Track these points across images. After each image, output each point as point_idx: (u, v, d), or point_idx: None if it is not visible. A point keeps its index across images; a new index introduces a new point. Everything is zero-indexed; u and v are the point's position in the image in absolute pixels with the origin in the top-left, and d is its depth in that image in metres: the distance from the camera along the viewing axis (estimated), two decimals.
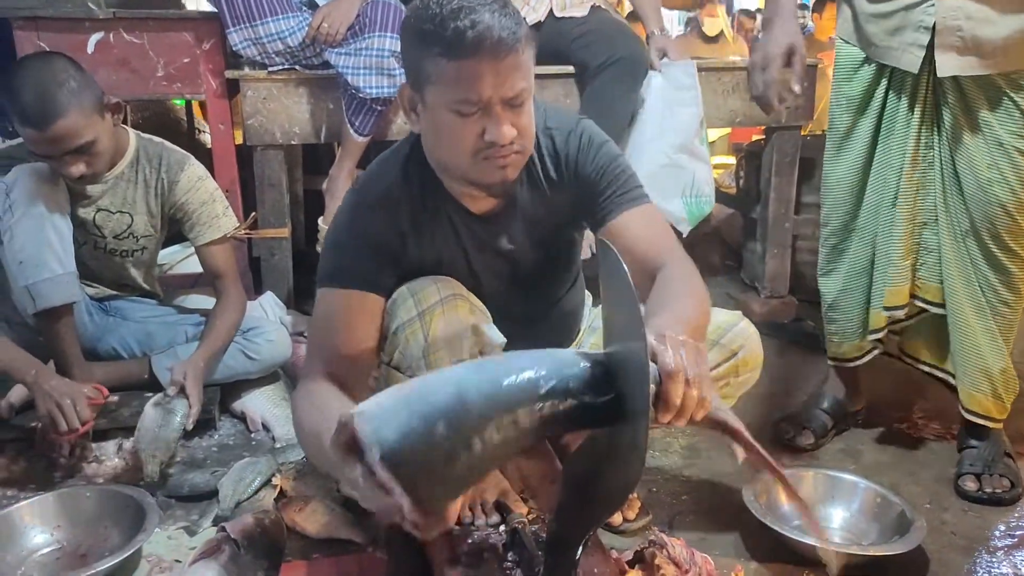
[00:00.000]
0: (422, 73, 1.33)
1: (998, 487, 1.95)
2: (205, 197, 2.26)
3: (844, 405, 2.28)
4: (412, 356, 1.48)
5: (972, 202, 1.92)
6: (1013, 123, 1.86)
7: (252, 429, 2.26)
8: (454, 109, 1.32)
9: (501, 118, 1.32)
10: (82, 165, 1.99)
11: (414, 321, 1.46)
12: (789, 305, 3.14)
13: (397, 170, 1.51)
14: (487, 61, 1.27)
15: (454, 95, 1.31)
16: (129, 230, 2.24)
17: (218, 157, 2.76)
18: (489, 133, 1.32)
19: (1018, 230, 1.91)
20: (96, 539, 1.74)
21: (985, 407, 2.02)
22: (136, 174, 2.20)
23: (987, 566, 1.72)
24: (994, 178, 1.87)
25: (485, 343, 1.52)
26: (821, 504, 1.86)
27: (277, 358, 2.36)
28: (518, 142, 1.36)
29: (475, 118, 1.32)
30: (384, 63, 2.51)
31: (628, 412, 1.00)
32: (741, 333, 1.66)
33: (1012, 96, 1.84)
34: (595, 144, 1.53)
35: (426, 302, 1.47)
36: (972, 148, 1.89)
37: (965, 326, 2.00)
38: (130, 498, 1.77)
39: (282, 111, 2.69)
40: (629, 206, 1.51)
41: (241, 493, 1.89)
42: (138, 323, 2.35)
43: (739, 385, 1.69)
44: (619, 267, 1.02)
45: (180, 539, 1.78)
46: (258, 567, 1.48)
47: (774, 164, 3.05)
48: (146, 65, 2.61)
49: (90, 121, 1.96)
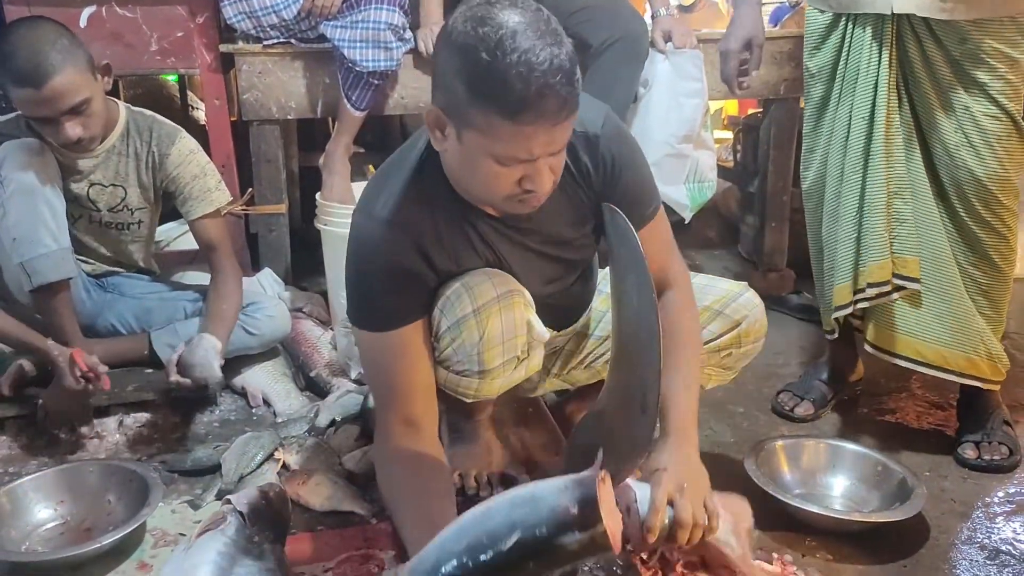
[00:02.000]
0: (466, 116, 1.23)
1: (997, 454, 1.97)
2: (197, 171, 2.24)
3: (843, 375, 2.29)
4: (465, 353, 1.44)
5: (942, 166, 1.93)
6: (977, 87, 1.85)
7: (253, 404, 2.25)
8: (495, 159, 1.25)
9: (543, 170, 1.27)
10: (79, 127, 1.96)
11: (469, 318, 1.41)
12: (787, 278, 3.14)
13: (408, 184, 1.41)
14: (546, 126, 1.20)
15: (501, 150, 1.24)
16: (123, 203, 2.22)
17: (213, 133, 2.74)
18: (530, 183, 1.27)
19: (991, 198, 1.90)
20: (100, 513, 1.74)
21: (980, 368, 2.01)
22: (127, 147, 2.18)
23: (986, 532, 1.74)
24: (961, 142, 1.88)
25: (534, 338, 1.51)
26: (822, 473, 1.87)
27: (277, 333, 2.36)
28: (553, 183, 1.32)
29: (515, 168, 1.26)
30: (381, 36, 2.48)
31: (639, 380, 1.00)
32: (746, 303, 1.65)
33: (978, 52, 1.82)
34: (619, 157, 1.47)
35: (482, 299, 1.42)
36: (938, 112, 1.90)
37: (951, 288, 1.98)
38: (133, 472, 1.77)
39: (278, 85, 2.67)
40: (645, 221, 1.49)
41: (244, 467, 1.89)
42: (136, 299, 2.33)
43: (741, 356, 1.69)
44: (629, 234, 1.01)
45: (184, 513, 1.78)
46: (264, 539, 1.47)
47: (772, 137, 3.04)
48: (139, 39, 2.58)
49: (85, 79, 1.94)
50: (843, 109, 2.00)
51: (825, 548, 1.68)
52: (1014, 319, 2.78)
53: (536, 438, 1.81)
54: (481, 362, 1.44)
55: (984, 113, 1.86)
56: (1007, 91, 1.85)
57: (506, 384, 1.52)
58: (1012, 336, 2.65)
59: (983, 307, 2.00)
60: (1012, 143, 1.88)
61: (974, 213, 1.93)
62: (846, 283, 2.06)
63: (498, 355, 1.45)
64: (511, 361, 1.48)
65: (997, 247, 1.95)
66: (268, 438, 1.98)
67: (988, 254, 1.96)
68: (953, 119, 1.89)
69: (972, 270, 1.98)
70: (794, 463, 1.88)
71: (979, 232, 1.95)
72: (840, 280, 2.07)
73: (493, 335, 1.42)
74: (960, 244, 1.98)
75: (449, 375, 1.49)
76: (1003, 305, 2.02)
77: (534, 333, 1.50)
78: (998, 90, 1.85)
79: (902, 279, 2.00)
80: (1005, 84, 1.85)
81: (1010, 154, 1.88)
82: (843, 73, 1.99)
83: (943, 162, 1.93)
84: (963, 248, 1.98)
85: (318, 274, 2.80)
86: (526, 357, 1.52)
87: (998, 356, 2.02)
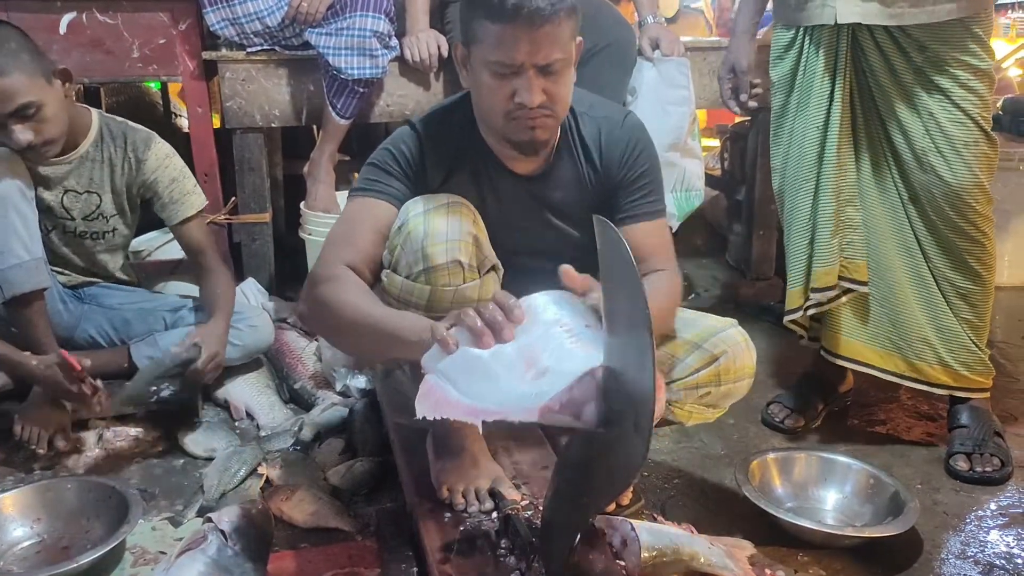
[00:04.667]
0: (470, 31, 1.43)
1: (988, 466, 1.95)
2: (175, 174, 2.22)
3: (832, 386, 2.28)
4: (411, 248, 1.46)
5: (911, 171, 1.95)
6: (940, 93, 1.87)
7: (236, 417, 2.22)
8: (491, 69, 1.41)
9: (532, 82, 1.40)
10: (29, 132, 1.92)
11: (418, 216, 1.47)
12: (775, 286, 3.12)
13: (449, 116, 1.59)
14: (523, 28, 1.36)
15: (491, 56, 1.40)
16: (98, 210, 2.19)
17: (196, 141, 2.70)
18: (519, 95, 1.40)
19: (963, 205, 1.91)
20: (78, 531, 1.70)
21: (932, 376, 2.04)
22: (101, 153, 2.14)
23: (980, 546, 1.72)
24: (928, 147, 1.90)
25: (484, 257, 1.52)
26: (814, 486, 1.85)
27: (260, 344, 2.32)
28: (548, 105, 1.43)
29: (508, 80, 1.40)
30: (366, 43, 2.46)
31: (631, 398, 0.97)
32: (727, 339, 1.57)
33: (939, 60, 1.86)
34: (638, 147, 1.60)
35: (433, 203, 1.49)
36: (905, 117, 1.93)
37: (903, 297, 2.02)
38: (112, 489, 1.74)
39: (261, 93, 2.63)
40: (648, 218, 1.61)
41: (227, 483, 1.86)
42: (114, 310, 2.29)
43: (722, 396, 1.60)
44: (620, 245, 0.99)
45: (164, 530, 1.75)
46: (246, 558, 1.44)
47: (759, 145, 3.02)
48: (120, 46, 2.54)
49: (33, 83, 1.90)
50: (800, 120, 2.05)
51: (818, 563, 1.66)
52: (1001, 328, 2.78)
53: (525, 452, 1.78)
54: (425, 257, 1.45)
55: (949, 119, 1.88)
56: (971, 98, 1.88)
57: (457, 299, 1.48)
58: (999, 345, 2.65)
59: (963, 312, 2.00)
60: (980, 148, 1.90)
61: (947, 219, 1.95)
62: (798, 288, 2.10)
63: (441, 252, 1.45)
64: (455, 267, 1.47)
65: (973, 252, 1.96)
66: (251, 453, 1.95)
67: (965, 260, 1.97)
68: (919, 125, 1.92)
69: (950, 273, 1.99)
70: (786, 476, 1.86)
71: (953, 238, 1.96)
72: (793, 285, 2.12)
73: (437, 231, 1.45)
74: (935, 248, 1.99)
75: (403, 283, 1.48)
76: (985, 310, 2.02)
77: (483, 251, 1.51)
78: (961, 96, 1.87)
79: (850, 282, 2.05)
80: (968, 91, 1.87)
81: (979, 160, 1.90)
82: (800, 84, 2.04)
83: (912, 168, 1.95)
84: (938, 252, 1.99)
85: (303, 284, 2.76)
86: (476, 277, 1.50)
87: (969, 364, 2.01)
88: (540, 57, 1.38)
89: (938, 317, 2.01)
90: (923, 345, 2.03)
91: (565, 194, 1.61)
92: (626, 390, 0.99)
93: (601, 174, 1.60)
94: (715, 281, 3.29)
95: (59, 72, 2.00)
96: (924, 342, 2.02)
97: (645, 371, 0.92)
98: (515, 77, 1.40)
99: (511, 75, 1.40)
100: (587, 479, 1.17)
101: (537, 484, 1.67)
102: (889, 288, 2.05)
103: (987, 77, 1.88)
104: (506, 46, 1.37)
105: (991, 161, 1.91)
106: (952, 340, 2.01)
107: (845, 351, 2.14)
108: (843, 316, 2.12)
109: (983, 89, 1.87)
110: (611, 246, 1.03)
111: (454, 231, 1.47)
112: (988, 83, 1.89)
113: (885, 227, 2.03)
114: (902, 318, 2.04)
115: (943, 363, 2.02)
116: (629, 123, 1.61)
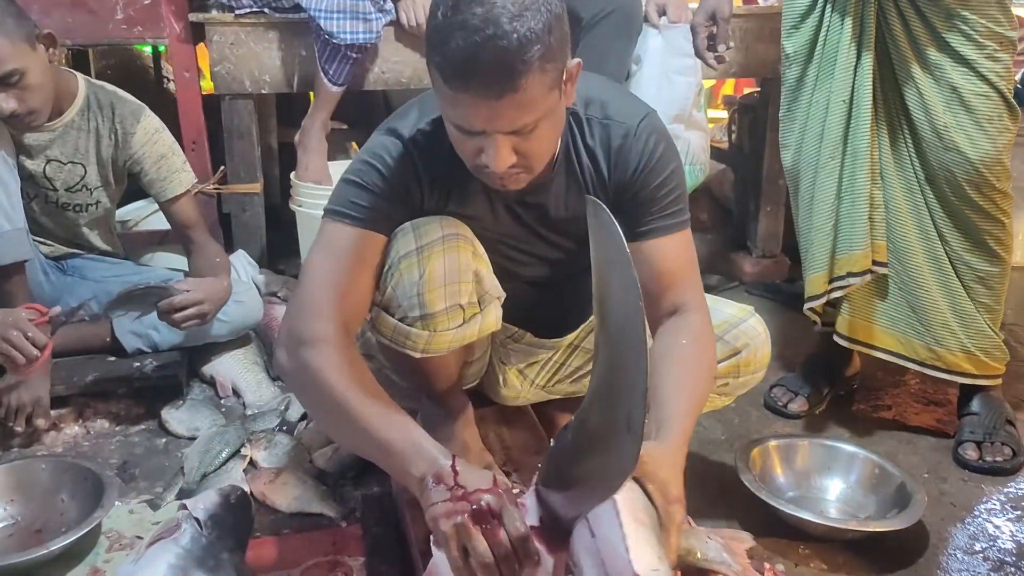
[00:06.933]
0: (431, 72, 1.17)
1: (999, 456, 1.89)
2: (164, 150, 2.14)
3: (839, 370, 2.20)
4: (405, 293, 1.35)
5: (930, 149, 1.85)
6: (966, 66, 1.78)
7: (222, 395, 2.16)
8: (453, 125, 1.20)
9: (498, 146, 1.16)
10: (12, 100, 1.84)
11: (411, 255, 1.33)
12: (782, 265, 3.04)
13: (436, 125, 1.33)
14: (483, 97, 1.11)
15: (449, 116, 1.19)
16: (82, 182, 2.11)
17: (183, 107, 2.61)
18: (484, 156, 1.19)
19: (983, 182, 1.83)
20: (52, 514, 1.64)
21: (952, 363, 1.96)
22: (88, 122, 2.06)
23: (989, 540, 1.66)
24: (951, 123, 1.81)
25: (485, 292, 1.41)
26: (817, 475, 1.78)
27: (248, 320, 2.25)
28: (521, 164, 1.22)
29: (472, 138, 1.19)
30: (359, 6, 2.36)
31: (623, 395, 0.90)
32: (748, 330, 1.51)
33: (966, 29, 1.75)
34: (655, 156, 1.37)
35: (426, 237, 1.33)
36: (926, 92, 1.83)
37: (922, 281, 1.94)
38: (88, 470, 1.68)
39: (251, 57, 2.54)
40: (670, 231, 1.39)
41: (208, 464, 1.80)
42: (98, 282, 2.22)
43: (739, 386, 1.55)
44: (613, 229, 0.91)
45: (143, 513, 1.69)
46: (222, 548, 1.37)
47: (769, 118, 2.92)
48: (104, 6, 2.44)
49: (16, 49, 1.81)
50: (820, 93, 1.94)
51: (819, 557, 1.60)
52: (1012, 310, 2.70)
53: (517, 438, 1.72)
54: (423, 304, 1.34)
55: (974, 92, 1.79)
56: (997, 68, 1.78)
57: (456, 340, 1.40)
58: (1010, 327, 2.56)
59: (980, 295, 1.92)
60: (1003, 123, 1.81)
61: (965, 198, 1.86)
62: (820, 273, 2.00)
63: (439, 298, 1.34)
64: (455, 310, 1.37)
65: (992, 232, 1.88)
66: (234, 434, 1.89)
67: (984, 240, 1.89)
68: (942, 100, 1.82)
69: (967, 256, 1.91)
70: (787, 464, 1.80)
71: (973, 217, 1.87)
72: (815, 270, 2.01)
73: (434, 275, 1.33)
74: (952, 230, 1.90)
75: (396, 326, 1.38)
76: (1002, 293, 1.94)
77: (484, 285, 1.40)
78: (988, 68, 1.78)
79: (874, 264, 1.96)
80: (994, 62, 1.78)
81: (1001, 134, 1.81)
82: (820, 55, 1.92)
83: (932, 146, 1.85)
84: (956, 235, 1.90)
85: (296, 256, 2.70)
86: (477, 312, 1.41)
87: (986, 350, 1.94)
88: (503, 125, 1.15)
89: (957, 302, 1.92)
90: (944, 331, 1.93)
91: (565, 210, 1.43)
92: (618, 386, 0.91)
93: (609, 187, 1.39)
94: (720, 258, 3.20)
95: (43, 37, 1.90)
96: (945, 327, 1.93)
97: (639, 367, 0.85)
98: (478, 136, 1.18)
99: (471, 134, 1.18)
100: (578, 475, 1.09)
101: (528, 470, 1.61)
102: (907, 271, 1.95)
103: (1012, 47, 1.78)
104: (462, 112, 1.15)
105: (1011, 135, 1.82)
106: (970, 325, 1.92)
107: (863, 336, 2.04)
108: (860, 300, 2.02)
109: (1008, 59, 1.78)
110: (603, 230, 0.95)
111: (452, 273, 1.34)
112: (1012, 53, 1.79)
113: (902, 207, 1.93)
114: (922, 303, 1.95)
115: (965, 350, 1.93)
116: (644, 129, 1.37)
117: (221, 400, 2.14)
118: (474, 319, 1.41)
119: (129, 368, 2.08)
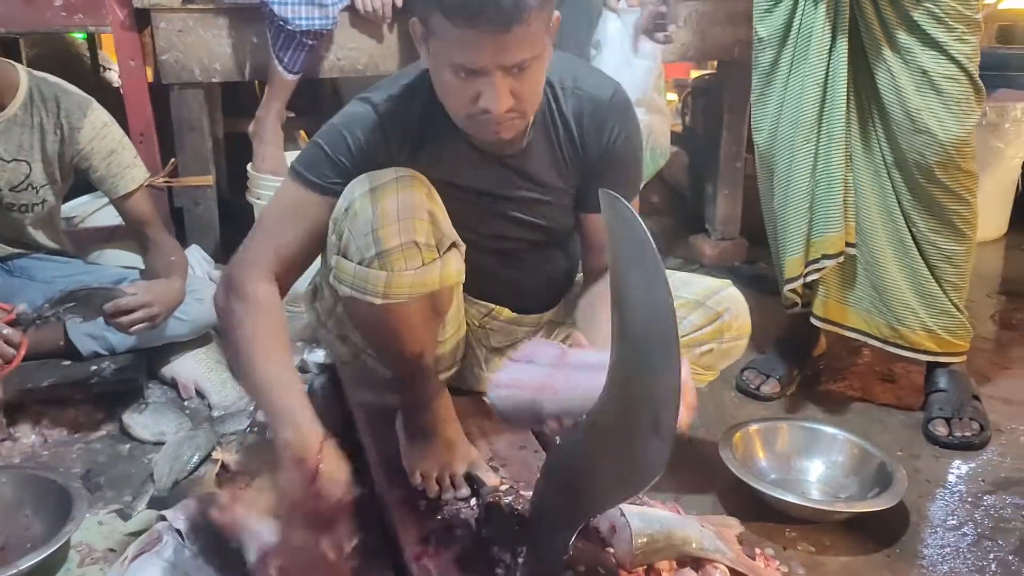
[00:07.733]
0: (428, 20, 1.24)
1: (968, 431, 1.93)
2: (113, 145, 2.04)
3: (806, 350, 2.23)
4: (360, 231, 1.33)
5: (901, 132, 1.88)
6: (937, 49, 1.80)
7: (185, 396, 2.08)
8: (452, 69, 1.24)
9: (499, 86, 1.23)
10: None
11: (365, 195, 1.33)
12: (740, 247, 3.07)
13: (411, 93, 1.42)
14: (487, 32, 1.18)
15: (452, 57, 1.23)
16: (27, 180, 2.00)
17: (129, 98, 2.50)
18: (483, 99, 1.25)
19: (949, 162, 1.86)
20: (16, 530, 1.56)
21: (914, 341, 2.00)
22: (31, 117, 1.95)
23: (966, 514, 1.69)
24: (921, 105, 1.83)
25: (443, 235, 1.39)
26: (798, 457, 1.80)
27: (208, 318, 2.15)
28: (517, 107, 1.28)
29: (471, 81, 1.24)
30: None
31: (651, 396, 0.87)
32: (728, 297, 1.56)
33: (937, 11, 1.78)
34: (624, 129, 1.47)
35: (380, 179, 1.35)
36: (897, 75, 1.85)
37: (884, 262, 1.98)
38: (52, 482, 1.60)
39: (200, 45, 2.44)
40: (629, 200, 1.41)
41: (179, 471, 1.73)
42: (48, 283, 2.11)
43: (723, 354, 1.58)
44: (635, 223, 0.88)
45: (113, 524, 1.62)
46: (206, 560, 1.32)
47: (725, 102, 2.94)
48: None
49: None
50: (795, 76, 1.95)
51: (806, 539, 1.61)
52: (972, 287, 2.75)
53: (501, 432, 1.69)
54: (377, 240, 1.32)
55: (943, 75, 1.81)
56: (966, 51, 1.81)
57: (416, 282, 1.36)
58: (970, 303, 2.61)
59: (947, 274, 1.96)
60: (971, 104, 1.84)
61: (934, 179, 1.89)
62: (797, 256, 2.02)
63: (394, 234, 1.32)
64: (411, 248, 1.34)
65: (959, 212, 1.91)
66: (204, 437, 1.82)
67: (951, 220, 1.92)
68: (913, 83, 1.84)
69: (934, 236, 1.94)
70: (769, 447, 1.81)
71: (940, 198, 1.90)
72: (791, 252, 2.03)
73: (387, 211, 1.32)
74: (919, 212, 1.94)
75: (355, 269, 1.36)
76: (966, 271, 1.99)
77: (441, 228, 1.38)
78: (957, 50, 1.80)
79: (847, 245, 2.00)
80: (963, 44, 1.80)
81: (968, 115, 1.84)
82: (795, 39, 1.93)
83: (903, 128, 1.87)
84: (923, 216, 1.94)
85: None
86: (436, 257, 1.38)
87: (949, 328, 1.98)
88: (507, 59, 1.21)
89: (919, 282, 1.96)
90: (906, 311, 1.98)
91: (540, 174, 1.49)
92: (645, 387, 0.88)
93: (581, 154, 1.48)
94: (676, 241, 3.21)
95: None
96: (906, 307, 1.98)
97: (669, 366, 0.82)
98: (479, 78, 1.23)
99: (475, 76, 1.23)
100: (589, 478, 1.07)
101: (515, 466, 1.58)
102: (871, 252, 1.99)
103: (978, 28, 1.81)
104: (467, 50, 1.20)
105: (977, 116, 1.86)
106: (934, 305, 1.97)
107: (835, 316, 2.08)
108: (833, 281, 2.06)
109: (976, 41, 1.81)
110: (624, 225, 0.92)
111: (406, 209, 1.33)
112: (979, 35, 1.82)
113: (868, 190, 1.96)
114: (884, 282, 1.99)
115: (926, 328, 1.98)
116: (616, 102, 1.47)
117: (185, 402, 2.07)
118: (433, 264, 1.38)
119: (86, 372, 1.99)
